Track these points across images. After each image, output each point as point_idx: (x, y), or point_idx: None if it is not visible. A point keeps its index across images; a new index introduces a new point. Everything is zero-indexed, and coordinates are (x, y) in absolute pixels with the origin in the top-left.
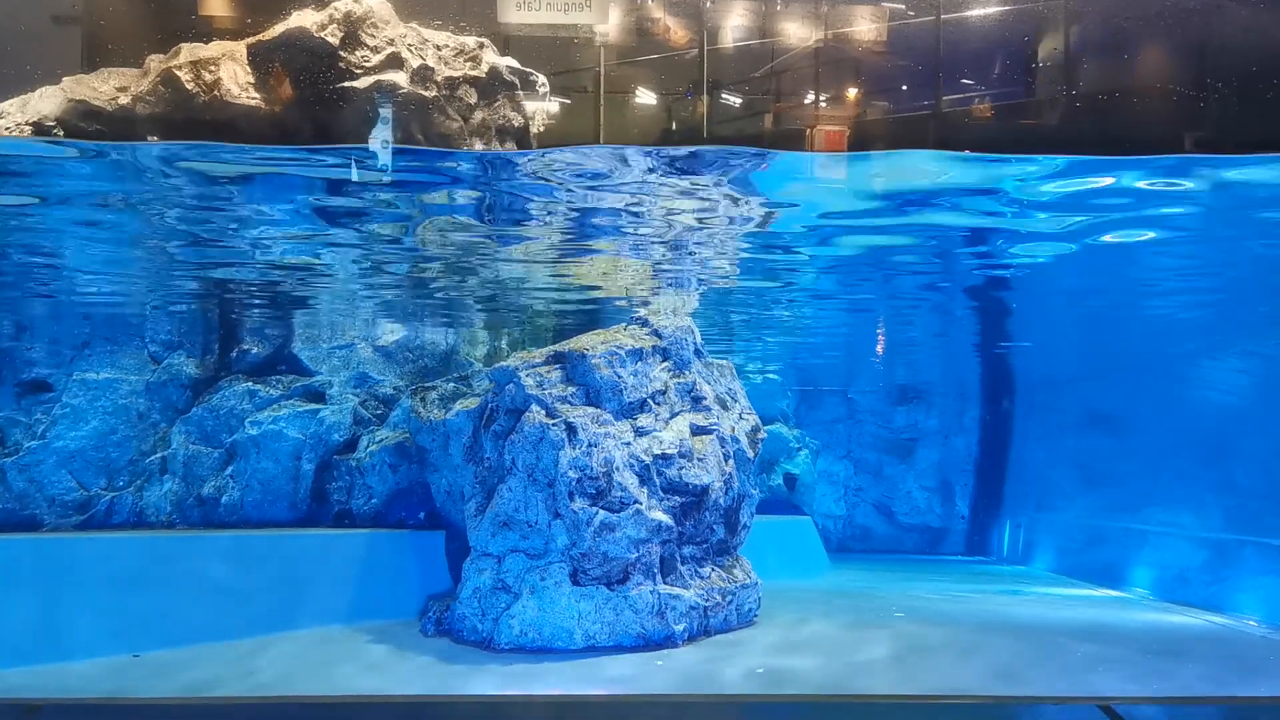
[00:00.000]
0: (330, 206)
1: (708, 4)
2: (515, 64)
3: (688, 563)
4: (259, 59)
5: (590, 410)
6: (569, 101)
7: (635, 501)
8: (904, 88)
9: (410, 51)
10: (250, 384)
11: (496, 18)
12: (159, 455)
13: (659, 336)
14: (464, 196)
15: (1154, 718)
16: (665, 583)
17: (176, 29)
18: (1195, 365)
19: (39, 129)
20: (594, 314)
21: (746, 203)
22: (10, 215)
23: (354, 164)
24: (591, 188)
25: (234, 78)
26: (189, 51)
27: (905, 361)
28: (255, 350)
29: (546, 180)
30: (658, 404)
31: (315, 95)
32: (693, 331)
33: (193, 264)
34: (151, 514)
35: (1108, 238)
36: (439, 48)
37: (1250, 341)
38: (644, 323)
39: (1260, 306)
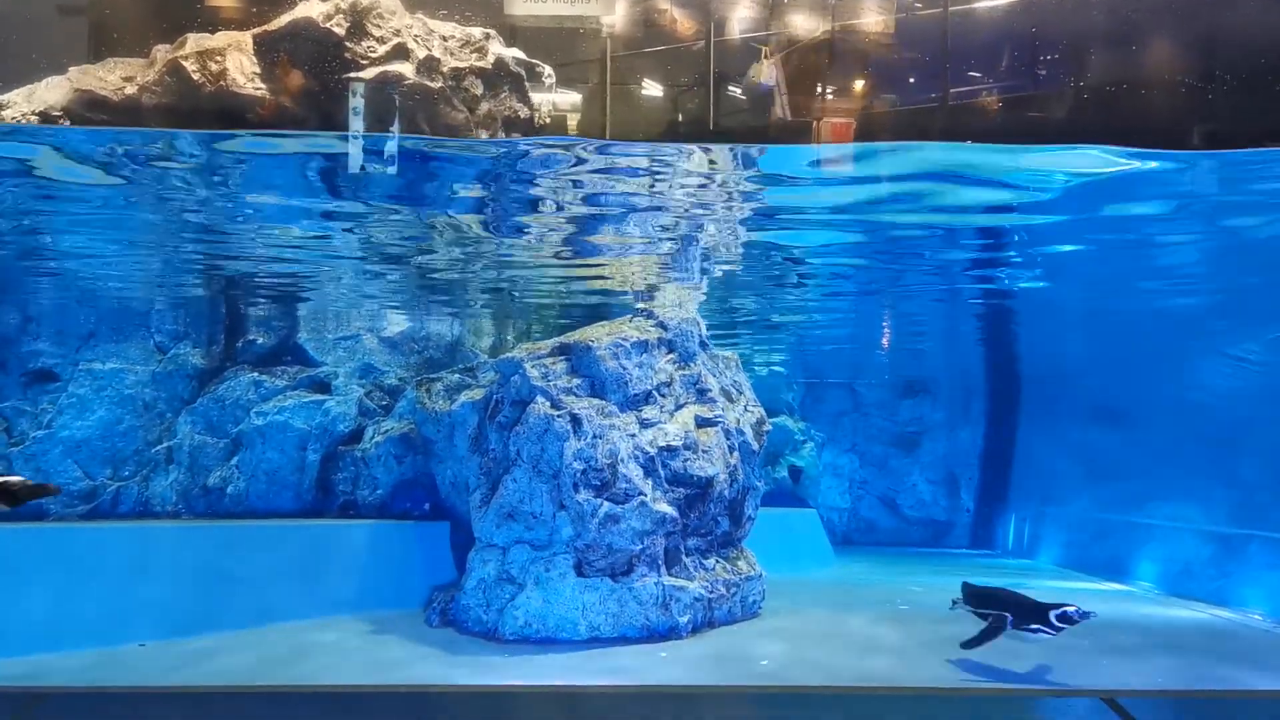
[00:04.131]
0: (333, 200)
1: None
2: (521, 55)
3: (692, 555)
4: (265, 49)
5: (595, 402)
6: (574, 93)
7: (640, 493)
8: (911, 80)
9: (416, 42)
10: (256, 374)
11: (503, 9)
12: (165, 445)
13: (664, 328)
14: (472, 189)
15: (1158, 711)
16: (669, 574)
17: (183, 19)
18: (1201, 358)
19: (45, 119)
20: (600, 306)
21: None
22: (14, 206)
23: (359, 154)
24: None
25: (240, 68)
26: (195, 42)
27: (911, 354)
28: (261, 340)
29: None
30: (663, 396)
31: (321, 86)
32: (698, 323)
33: (198, 254)
34: (157, 504)
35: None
36: (445, 39)
37: (1257, 334)
38: (649, 315)
39: (1266, 298)
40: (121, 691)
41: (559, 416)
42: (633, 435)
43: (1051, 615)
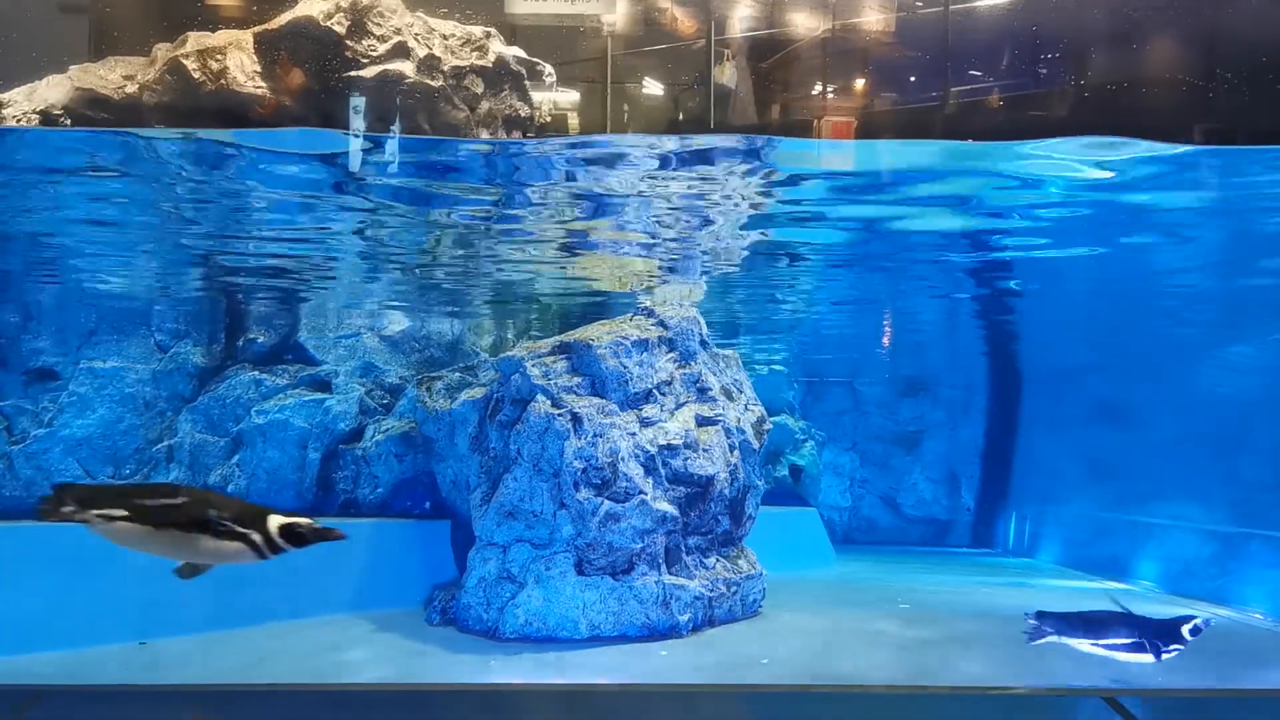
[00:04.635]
0: (334, 197)
1: None
2: (522, 54)
3: (693, 553)
4: (266, 48)
5: (596, 401)
6: (575, 92)
7: (640, 492)
8: (912, 78)
9: (417, 41)
10: (256, 373)
11: (504, 8)
12: (165, 444)
13: (665, 327)
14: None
15: (1158, 710)
16: (670, 573)
17: (183, 17)
18: (1203, 357)
19: (46, 118)
20: (601, 304)
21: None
22: (17, 203)
23: (359, 153)
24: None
25: (240, 66)
26: (196, 40)
27: (911, 352)
28: (261, 339)
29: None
30: (663, 394)
31: (321, 84)
32: (699, 322)
33: (199, 252)
34: None
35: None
36: (446, 37)
37: (1258, 332)
38: (650, 313)
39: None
40: (122, 690)
41: (560, 415)
42: (633, 434)
43: (1186, 632)
